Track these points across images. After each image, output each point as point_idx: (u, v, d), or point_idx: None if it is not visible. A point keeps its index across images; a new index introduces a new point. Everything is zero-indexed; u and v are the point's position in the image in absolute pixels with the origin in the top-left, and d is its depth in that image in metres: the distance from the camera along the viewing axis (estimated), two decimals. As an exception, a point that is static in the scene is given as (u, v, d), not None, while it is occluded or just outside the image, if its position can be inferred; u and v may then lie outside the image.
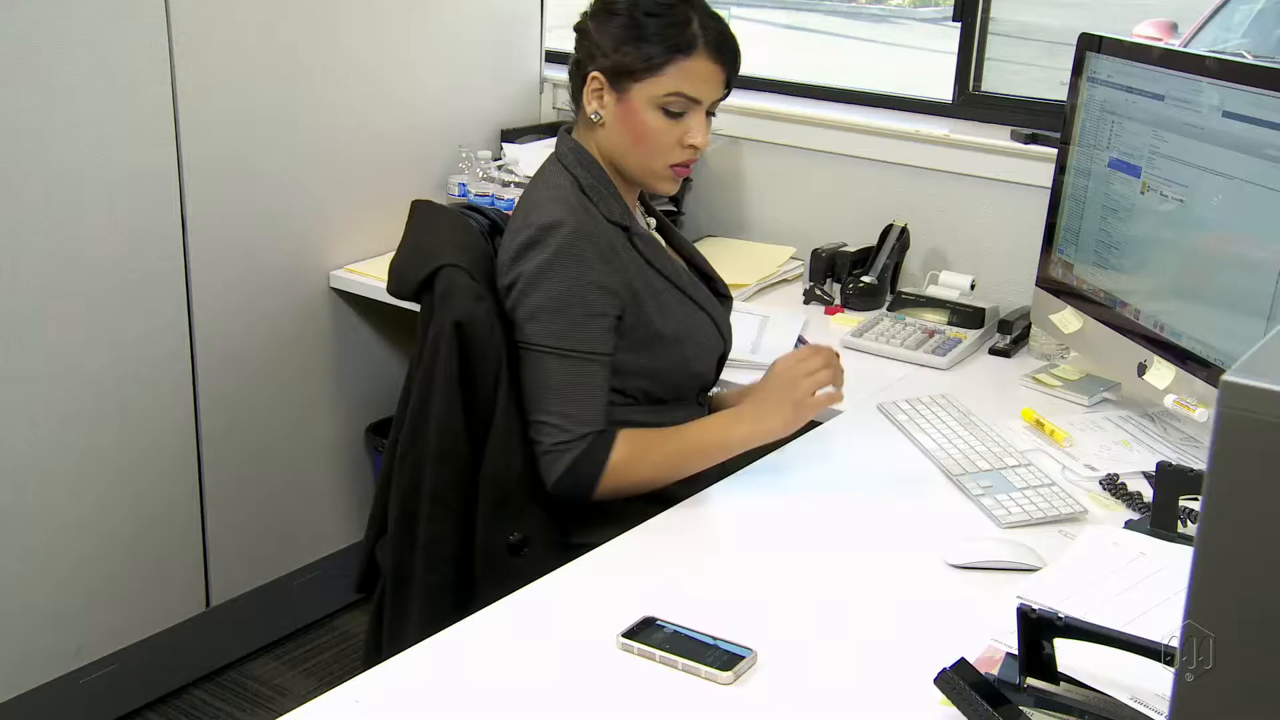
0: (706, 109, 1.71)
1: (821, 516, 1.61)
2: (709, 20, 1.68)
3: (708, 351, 1.81)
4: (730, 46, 1.70)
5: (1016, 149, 2.42)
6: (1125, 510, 1.63)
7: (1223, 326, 1.69)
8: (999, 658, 1.24)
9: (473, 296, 1.64)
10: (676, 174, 1.73)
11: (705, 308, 1.80)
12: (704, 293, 1.83)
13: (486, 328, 1.63)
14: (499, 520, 1.66)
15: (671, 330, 1.74)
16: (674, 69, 1.66)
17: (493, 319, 1.64)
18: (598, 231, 1.67)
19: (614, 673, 1.26)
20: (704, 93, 1.69)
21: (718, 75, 1.69)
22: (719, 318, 1.83)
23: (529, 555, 1.66)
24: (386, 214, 2.69)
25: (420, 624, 1.62)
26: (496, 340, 1.64)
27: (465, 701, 1.22)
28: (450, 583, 1.68)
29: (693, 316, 1.78)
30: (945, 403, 1.92)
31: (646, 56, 1.66)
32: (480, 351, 1.63)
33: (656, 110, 1.68)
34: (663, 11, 1.67)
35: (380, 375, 2.75)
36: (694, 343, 1.77)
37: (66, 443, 2.24)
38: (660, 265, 1.75)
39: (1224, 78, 1.66)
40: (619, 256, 1.69)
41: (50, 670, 2.31)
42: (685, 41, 1.66)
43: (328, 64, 2.51)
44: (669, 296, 1.75)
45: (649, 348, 1.72)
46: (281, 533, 2.67)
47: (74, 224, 2.16)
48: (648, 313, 1.71)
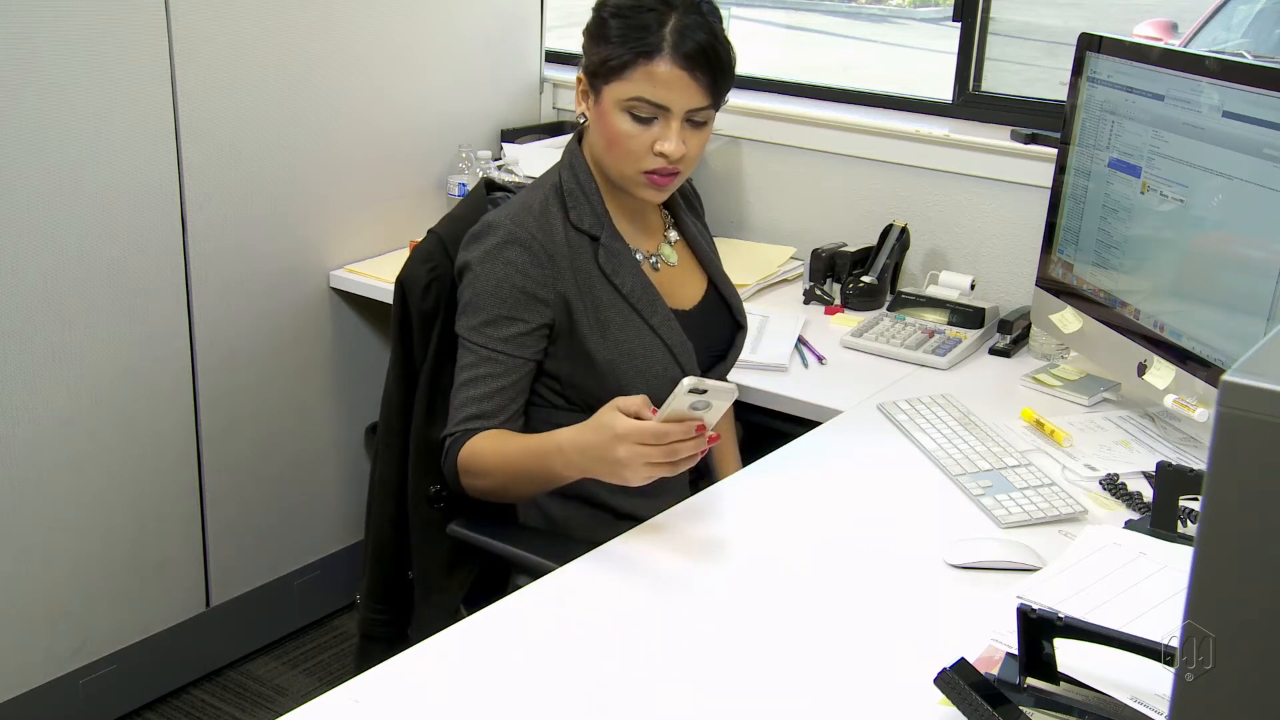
0: (684, 117, 1.63)
1: (821, 516, 1.61)
2: (689, 26, 1.61)
3: (652, 378, 1.70)
4: (705, 56, 1.61)
5: (1016, 149, 2.42)
6: (1125, 510, 1.63)
7: (1223, 326, 1.69)
8: (999, 658, 1.24)
9: (420, 259, 1.78)
10: (652, 181, 1.67)
11: (661, 333, 1.72)
12: (666, 317, 1.73)
13: (421, 288, 1.76)
14: (421, 470, 1.79)
15: (605, 355, 1.68)
16: (638, 73, 1.61)
17: (432, 282, 1.76)
18: (541, 239, 1.65)
19: (614, 672, 1.26)
20: (672, 100, 1.62)
21: (687, 83, 1.61)
22: (675, 343, 1.73)
23: (445, 507, 1.78)
24: (386, 214, 2.70)
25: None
26: (429, 304, 1.77)
27: (465, 701, 1.22)
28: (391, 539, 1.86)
29: (639, 339, 1.70)
30: (945, 403, 1.92)
31: (610, 58, 1.62)
32: (415, 310, 1.78)
33: (624, 114, 1.63)
34: (628, 13, 1.62)
35: (380, 375, 2.72)
36: (633, 368, 1.69)
37: (66, 443, 2.24)
38: (620, 281, 1.70)
39: (1224, 78, 1.66)
40: (560, 266, 1.66)
41: (50, 670, 2.31)
42: (650, 45, 1.60)
43: (328, 64, 2.51)
44: (614, 314, 1.69)
45: (577, 364, 1.69)
46: (281, 533, 2.68)
47: (74, 224, 2.16)
48: (580, 330, 1.67)
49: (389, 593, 1.89)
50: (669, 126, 1.64)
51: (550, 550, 1.61)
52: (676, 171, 1.67)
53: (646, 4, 1.62)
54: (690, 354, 1.75)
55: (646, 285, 1.73)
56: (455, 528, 1.74)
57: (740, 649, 1.31)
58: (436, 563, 1.81)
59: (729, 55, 1.66)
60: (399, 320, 1.81)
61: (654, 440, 1.40)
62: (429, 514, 1.80)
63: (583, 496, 1.73)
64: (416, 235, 1.88)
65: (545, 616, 1.37)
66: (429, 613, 1.81)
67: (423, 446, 1.78)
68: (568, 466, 1.53)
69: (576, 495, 1.73)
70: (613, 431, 1.43)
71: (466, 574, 1.82)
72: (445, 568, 1.81)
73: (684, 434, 1.40)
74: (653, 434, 1.40)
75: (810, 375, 2.13)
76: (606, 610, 1.37)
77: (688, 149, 1.65)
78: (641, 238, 1.79)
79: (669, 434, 1.40)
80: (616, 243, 1.72)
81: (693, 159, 1.69)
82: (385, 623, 1.89)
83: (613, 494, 1.72)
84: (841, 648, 1.32)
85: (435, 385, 1.78)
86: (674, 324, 1.74)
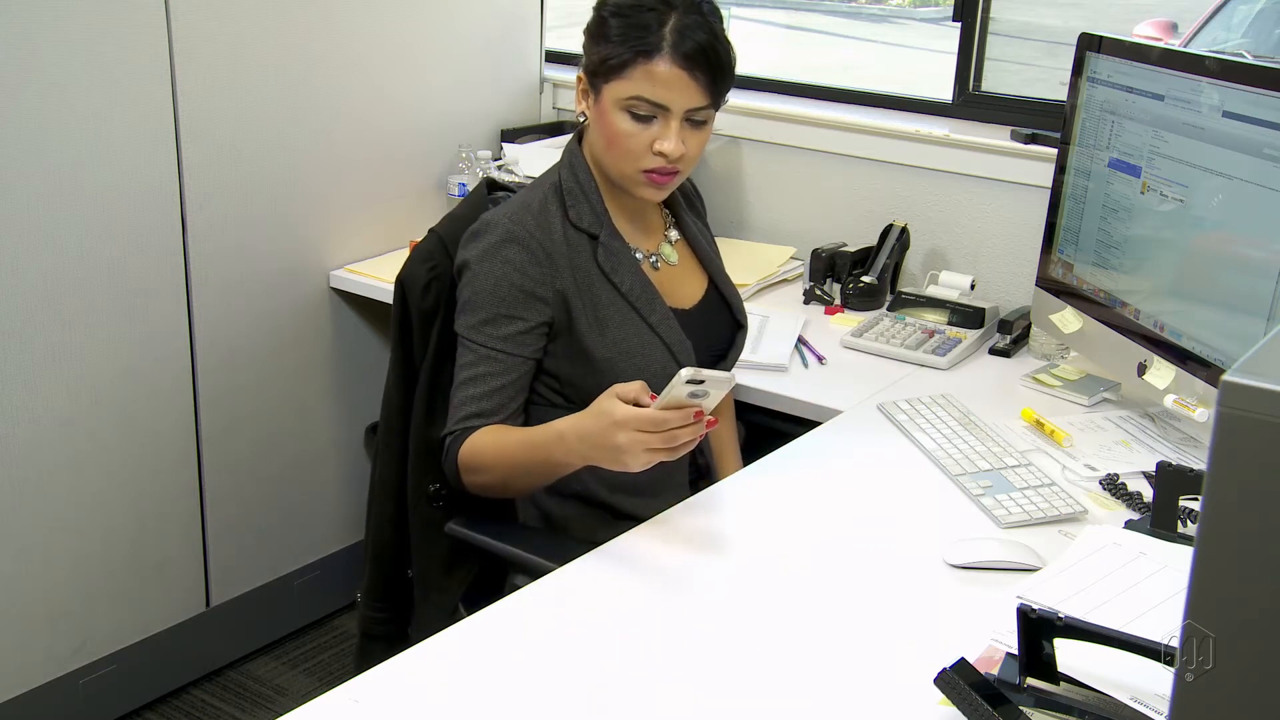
0: (684, 117, 1.64)
1: (821, 516, 1.61)
2: (689, 26, 1.61)
3: (651, 376, 1.64)
4: (704, 55, 1.61)
5: (1016, 149, 2.42)
6: (1125, 510, 1.63)
7: (1223, 326, 1.69)
8: (999, 658, 1.24)
9: (420, 258, 1.78)
10: (651, 180, 1.67)
11: (660, 331, 1.72)
12: (664, 315, 1.73)
13: (421, 287, 1.77)
14: (421, 469, 1.79)
15: (603, 353, 1.68)
16: (637, 72, 1.61)
17: (431, 281, 1.76)
18: (539, 237, 1.66)
19: (614, 672, 1.26)
20: (672, 99, 1.62)
21: (686, 83, 1.61)
22: (673, 342, 1.73)
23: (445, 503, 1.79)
24: (386, 214, 2.70)
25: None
26: (429, 303, 1.77)
27: (465, 701, 1.22)
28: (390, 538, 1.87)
29: (637, 338, 1.70)
30: (945, 403, 1.92)
31: (610, 57, 1.63)
32: (415, 309, 1.78)
33: (623, 113, 1.64)
34: (629, 12, 1.62)
35: (380, 375, 2.72)
36: (631, 366, 1.69)
37: (66, 443, 2.24)
38: (619, 279, 1.70)
39: (1224, 78, 1.66)
40: (558, 264, 1.66)
41: (50, 670, 2.31)
42: (649, 45, 1.60)
43: (328, 64, 2.51)
44: (613, 312, 1.70)
45: (575, 362, 1.70)
46: (281, 533, 2.68)
47: (74, 224, 2.16)
48: (579, 328, 1.67)
49: (389, 591, 1.90)
50: (668, 126, 1.64)
51: (548, 550, 1.62)
52: (676, 171, 1.67)
53: (647, 3, 1.62)
54: (689, 352, 1.75)
55: (645, 284, 1.73)
56: (454, 526, 1.74)
57: (740, 649, 1.31)
58: (435, 562, 1.81)
59: (729, 55, 1.66)
60: (399, 320, 1.81)
61: (652, 427, 1.41)
62: (428, 513, 1.80)
63: (581, 495, 1.73)
64: (416, 235, 1.88)
65: (545, 616, 1.37)
66: (428, 612, 1.81)
67: (422, 446, 1.79)
68: (568, 454, 1.53)
69: (575, 494, 1.73)
70: (612, 418, 1.43)
71: (465, 573, 1.82)
72: (444, 567, 1.81)
73: (682, 420, 1.41)
74: (650, 421, 1.41)
75: (810, 375, 2.13)
76: (606, 610, 1.37)
77: (687, 148, 1.65)
78: (641, 237, 1.79)
79: (667, 421, 1.41)
80: (615, 241, 1.72)
81: (692, 158, 1.69)
82: (385, 621, 1.89)
83: (612, 493, 1.72)
84: (841, 647, 1.32)
85: (435, 384, 1.78)
86: (673, 322, 1.74)
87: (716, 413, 1.60)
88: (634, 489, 1.73)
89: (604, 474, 1.64)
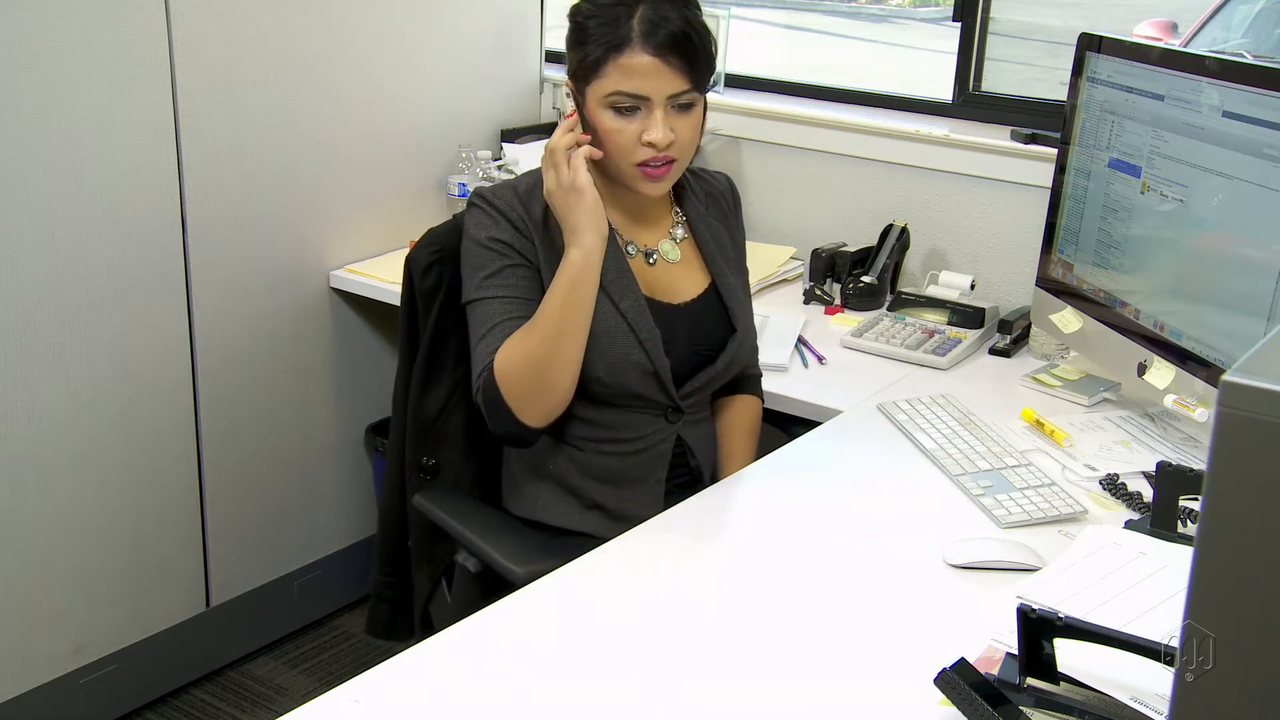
0: (667, 104, 1.64)
1: (821, 516, 1.61)
2: (657, 14, 1.62)
3: (613, 359, 1.69)
4: (674, 41, 1.61)
5: (1016, 149, 2.42)
6: (1125, 510, 1.63)
7: (1223, 326, 1.69)
8: (999, 658, 1.24)
9: (427, 241, 1.82)
10: (646, 174, 1.67)
11: (628, 317, 1.70)
12: (637, 302, 1.71)
13: (423, 267, 1.80)
14: (415, 442, 1.84)
15: None
16: (612, 68, 1.63)
17: (434, 263, 1.80)
18: (511, 204, 1.71)
19: (614, 672, 1.26)
20: (650, 89, 1.62)
21: (660, 69, 1.62)
22: (641, 329, 1.70)
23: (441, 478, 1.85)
24: (386, 214, 2.70)
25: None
26: (431, 281, 1.80)
27: (465, 701, 1.22)
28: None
29: (602, 321, 1.68)
30: (945, 403, 1.92)
31: (586, 58, 1.65)
32: (418, 289, 1.81)
33: (607, 110, 1.65)
34: (599, 11, 1.64)
35: (380, 375, 2.75)
36: (593, 348, 1.67)
37: (66, 443, 2.24)
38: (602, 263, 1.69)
39: (1224, 78, 1.66)
40: (528, 235, 1.70)
41: (50, 670, 2.31)
42: (619, 38, 1.62)
43: (328, 64, 2.51)
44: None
45: None
46: (281, 533, 2.68)
47: (74, 224, 2.16)
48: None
49: (394, 558, 1.93)
50: (652, 115, 1.64)
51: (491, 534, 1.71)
52: (671, 160, 1.67)
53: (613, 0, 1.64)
54: (658, 342, 1.71)
55: (622, 270, 1.72)
56: (420, 499, 1.80)
57: (740, 649, 1.31)
58: (424, 533, 1.85)
59: (701, 37, 1.66)
60: (407, 300, 1.84)
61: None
62: (419, 484, 1.84)
63: (556, 478, 1.77)
64: (416, 235, 1.88)
65: (545, 616, 1.37)
66: (420, 581, 1.87)
67: (417, 418, 1.83)
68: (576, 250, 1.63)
69: (549, 477, 1.77)
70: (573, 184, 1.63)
71: (449, 548, 1.84)
72: (430, 539, 1.85)
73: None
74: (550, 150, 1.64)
75: (810, 375, 2.13)
76: (606, 610, 1.38)
77: (677, 134, 1.65)
78: (640, 231, 1.79)
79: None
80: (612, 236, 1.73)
81: (685, 144, 1.68)
82: (390, 584, 1.93)
83: (583, 479, 1.75)
84: (842, 647, 1.32)
85: (431, 360, 1.82)
86: (644, 310, 1.72)
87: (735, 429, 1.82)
88: (605, 477, 1.75)
89: (580, 460, 1.74)
